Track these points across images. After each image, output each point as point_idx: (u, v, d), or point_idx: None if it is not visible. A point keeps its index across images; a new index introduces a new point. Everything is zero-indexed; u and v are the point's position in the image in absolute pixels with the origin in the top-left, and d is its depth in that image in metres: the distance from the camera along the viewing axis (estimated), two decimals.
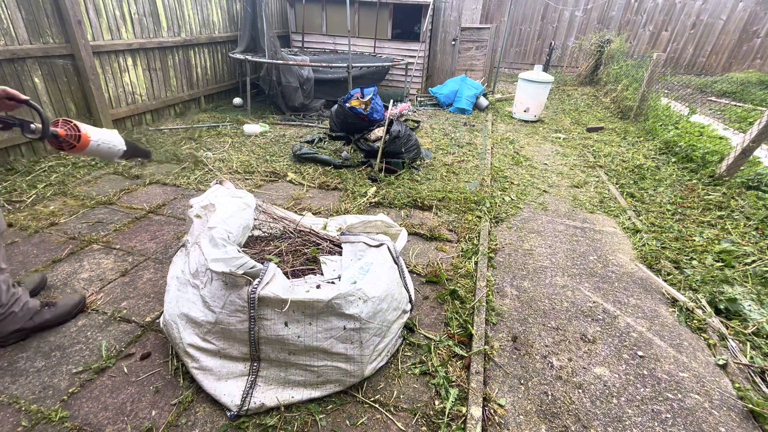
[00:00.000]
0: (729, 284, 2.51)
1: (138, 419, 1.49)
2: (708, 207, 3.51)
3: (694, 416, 1.68)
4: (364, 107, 4.29)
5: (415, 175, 3.90)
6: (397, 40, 7.25)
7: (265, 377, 1.58)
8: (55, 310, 1.86)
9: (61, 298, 1.96)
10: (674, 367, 1.93)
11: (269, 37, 5.37)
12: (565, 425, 1.60)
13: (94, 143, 1.69)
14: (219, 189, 2.14)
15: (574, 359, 1.93)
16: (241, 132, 4.90)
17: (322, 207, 3.16)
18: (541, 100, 6.36)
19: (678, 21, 10.53)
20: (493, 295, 2.33)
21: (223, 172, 3.70)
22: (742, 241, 2.96)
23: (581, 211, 3.49)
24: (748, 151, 3.78)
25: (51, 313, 1.84)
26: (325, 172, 3.84)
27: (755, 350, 2.04)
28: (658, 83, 6.70)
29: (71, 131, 1.64)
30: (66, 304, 1.91)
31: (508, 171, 4.28)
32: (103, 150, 1.75)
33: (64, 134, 1.62)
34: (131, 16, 4.44)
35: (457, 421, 1.56)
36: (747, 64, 10.17)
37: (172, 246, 2.57)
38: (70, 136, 1.64)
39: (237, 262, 1.50)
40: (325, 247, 2.03)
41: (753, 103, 7.59)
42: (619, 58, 8.96)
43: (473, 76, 7.63)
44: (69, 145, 1.65)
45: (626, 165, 4.57)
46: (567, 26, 11.56)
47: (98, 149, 1.73)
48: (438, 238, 2.86)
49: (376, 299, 1.62)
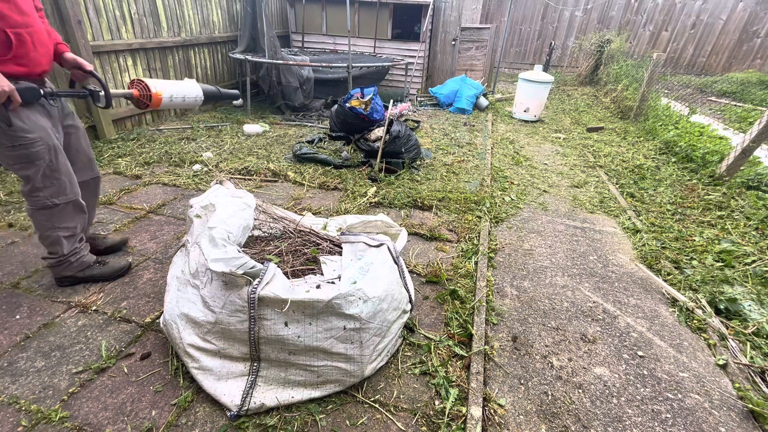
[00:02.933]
0: (729, 284, 2.51)
1: (138, 419, 1.49)
2: (708, 207, 3.51)
3: (694, 416, 1.68)
4: (364, 107, 4.29)
5: (415, 175, 3.90)
6: (397, 40, 7.25)
7: (265, 377, 1.58)
8: (102, 269, 2.19)
9: (111, 262, 2.25)
10: (674, 367, 1.93)
11: (269, 37, 5.37)
12: (565, 425, 1.60)
13: (166, 99, 1.79)
14: (219, 189, 2.14)
15: (574, 359, 1.93)
16: (241, 132, 4.90)
17: (322, 207, 3.16)
18: (541, 100, 6.36)
19: (678, 21, 10.52)
20: (493, 295, 2.33)
21: (223, 173, 3.69)
22: (742, 241, 2.96)
23: (581, 211, 3.49)
24: (748, 151, 3.78)
25: (98, 270, 2.18)
26: (325, 172, 3.84)
27: (755, 350, 2.04)
28: (658, 83, 6.70)
29: (143, 91, 1.76)
30: (112, 266, 2.23)
31: (508, 171, 4.28)
32: (177, 103, 1.85)
33: (138, 95, 1.77)
34: (131, 16, 4.44)
35: (457, 421, 1.56)
36: (747, 64, 10.17)
37: (172, 246, 2.57)
38: (142, 96, 1.77)
39: (237, 262, 1.50)
40: (325, 247, 2.03)
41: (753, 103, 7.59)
42: (619, 58, 8.96)
43: (473, 76, 7.63)
44: (143, 105, 1.79)
45: (626, 165, 4.57)
46: (567, 26, 11.56)
47: (172, 103, 1.84)
48: (438, 238, 2.86)
49: (376, 299, 1.62)
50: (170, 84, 1.84)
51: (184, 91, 1.86)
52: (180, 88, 1.85)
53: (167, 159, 3.92)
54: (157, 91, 1.78)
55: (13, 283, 2.14)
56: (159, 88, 1.79)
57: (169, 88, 1.82)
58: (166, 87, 1.81)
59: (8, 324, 1.88)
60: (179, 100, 1.84)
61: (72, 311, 1.98)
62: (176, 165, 3.82)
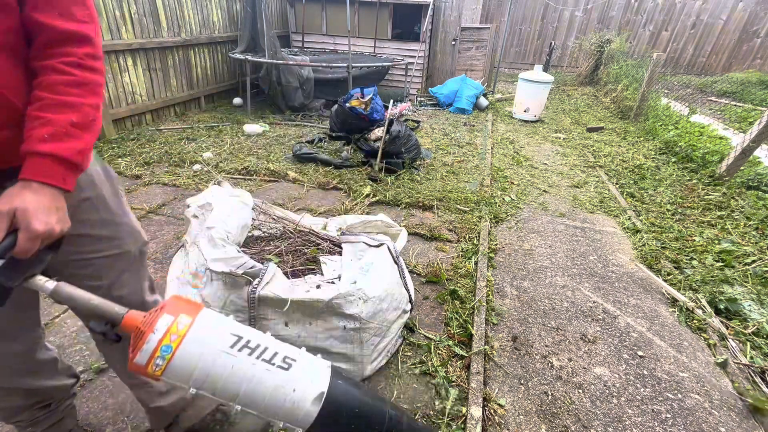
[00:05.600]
0: (729, 284, 2.51)
1: (138, 419, 1.49)
2: (708, 207, 3.51)
3: (694, 416, 1.68)
4: (364, 107, 4.29)
5: (415, 175, 3.90)
6: (397, 40, 7.25)
7: None
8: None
9: None
10: (674, 367, 1.93)
11: (269, 37, 5.37)
12: (565, 425, 1.60)
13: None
14: (217, 189, 2.14)
15: (574, 359, 1.93)
16: (241, 132, 4.90)
17: (322, 207, 3.16)
18: (541, 100, 6.36)
19: (678, 21, 10.52)
20: (493, 295, 2.33)
21: (223, 173, 3.69)
22: (742, 241, 2.96)
23: (581, 211, 3.49)
24: (748, 151, 3.78)
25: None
26: (325, 172, 3.84)
27: (755, 350, 2.04)
28: (658, 83, 6.70)
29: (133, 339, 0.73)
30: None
31: (508, 171, 4.28)
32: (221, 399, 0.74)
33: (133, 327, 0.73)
34: (131, 16, 4.43)
35: (457, 421, 1.56)
36: (747, 64, 10.16)
37: (172, 246, 2.57)
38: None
39: (237, 262, 1.50)
40: (325, 247, 2.03)
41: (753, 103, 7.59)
42: (619, 58, 8.96)
43: (473, 76, 7.63)
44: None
45: (626, 165, 4.57)
46: (567, 26, 11.56)
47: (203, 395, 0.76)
48: (438, 238, 2.86)
49: (376, 299, 1.62)
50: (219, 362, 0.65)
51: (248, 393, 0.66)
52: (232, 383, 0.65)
53: (167, 159, 3.92)
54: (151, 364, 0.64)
55: None
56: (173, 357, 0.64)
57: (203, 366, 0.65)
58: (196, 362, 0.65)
59: None
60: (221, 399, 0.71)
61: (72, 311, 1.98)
62: (176, 165, 3.82)
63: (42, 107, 0.73)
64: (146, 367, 0.61)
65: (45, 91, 0.74)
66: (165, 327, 0.61)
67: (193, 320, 0.63)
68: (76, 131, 0.75)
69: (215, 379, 0.59)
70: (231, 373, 0.60)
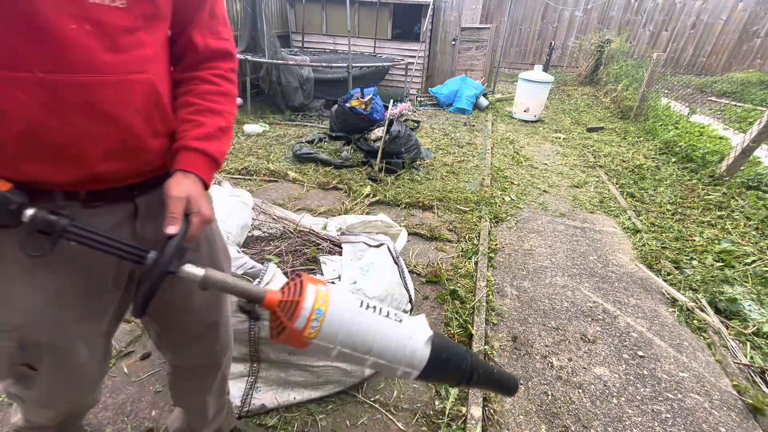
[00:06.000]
0: (729, 284, 2.51)
1: (138, 419, 1.49)
2: (708, 207, 3.51)
3: (694, 416, 1.68)
4: (364, 107, 4.29)
5: (415, 175, 3.90)
6: (397, 40, 7.25)
7: (265, 378, 1.57)
8: None
9: None
10: (674, 367, 1.93)
11: (269, 37, 5.37)
12: (565, 425, 1.60)
13: (320, 344, 0.69)
14: (216, 189, 2.14)
15: (574, 359, 1.93)
16: (241, 132, 4.90)
17: (322, 207, 3.16)
18: (541, 100, 6.36)
19: (678, 21, 10.52)
20: (493, 295, 2.33)
21: (223, 172, 3.69)
22: (742, 241, 2.96)
23: (581, 211, 3.49)
24: (748, 151, 3.78)
25: None
26: (325, 172, 3.84)
27: (755, 350, 2.04)
28: (658, 83, 6.70)
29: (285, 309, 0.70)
30: None
31: (508, 171, 4.28)
32: (349, 358, 0.73)
33: (273, 304, 0.72)
34: None
35: (457, 421, 1.56)
36: (747, 64, 10.16)
37: None
38: (276, 321, 0.71)
39: (237, 263, 1.50)
40: (325, 247, 2.02)
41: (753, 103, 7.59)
42: (619, 58, 8.96)
43: (473, 76, 7.63)
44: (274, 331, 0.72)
45: (626, 165, 4.57)
46: (567, 26, 11.56)
47: (344, 357, 0.73)
48: (438, 238, 2.86)
49: (375, 299, 1.62)
50: (358, 320, 0.71)
51: (378, 348, 0.72)
52: (370, 338, 0.71)
53: None
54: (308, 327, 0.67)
55: None
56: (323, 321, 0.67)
57: (347, 328, 0.69)
58: (341, 323, 0.69)
59: None
60: (358, 360, 0.72)
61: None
62: None
63: (195, 112, 0.82)
64: (303, 332, 0.66)
65: (197, 98, 0.83)
66: (314, 294, 0.67)
67: (328, 287, 0.71)
68: (222, 135, 0.85)
69: (355, 337, 0.67)
70: (366, 329, 0.69)
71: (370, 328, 0.70)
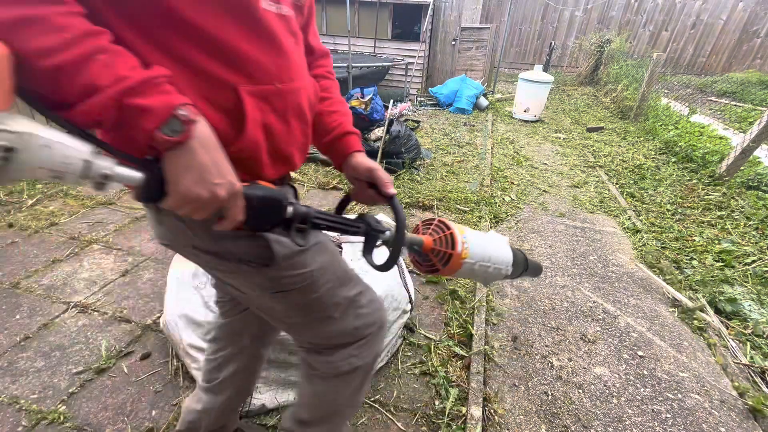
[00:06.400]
0: (729, 284, 2.51)
1: (138, 419, 1.49)
2: (708, 207, 3.51)
3: (694, 416, 1.68)
4: (364, 107, 4.29)
5: (415, 175, 3.90)
6: (397, 40, 7.25)
7: (264, 378, 1.57)
8: None
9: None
10: (674, 367, 1.93)
11: None
12: (565, 425, 1.60)
13: (468, 266, 0.92)
14: None
15: (574, 359, 1.93)
16: None
17: (322, 207, 3.16)
18: (541, 100, 6.36)
19: (678, 21, 10.52)
20: (493, 295, 2.33)
21: None
22: (742, 241, 2.96)
23: (581, 211, 3.49)
24: (748, 151, 3.78)
25: None
26: (325, 172, 3.84)
27: (755, 350, 2.04)
28: (658, 83, 6.70)
29: (440, 244, 0.90)
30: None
31: (508, 171, 4.28)
32: (479, 273, 0.97)
33: (430, 247, 0.91)
34: None
35: (457, 421, 1.56)
36: (747, 64, 10.16)
37: None
38: (436, 251, 0.90)
39: None
40: None
41: (753, 103, 7.59)
42: (619, 58, 8.96)
43: (473, 76, 7.63)
44: (428, 268, 0.94)
45: (626, 165, 4.57)
46: (567, 26, 11.56)
47: (473, 273, 0.96)
48: None
49: None
50: (482, 241, 0.95)
51: (494, 256, 0.97)
52: (490, 250, 0.97)
53: None
54: (464, 250, 0.90)
55: (13, 283, 2.14)
56: (467, 245, 0.91)
57: (480, 247, 0.94)
58: (477, 245, 0.93)
59: (8, 324, 1.87)
60: (482, 271, 0.97)
61: (72, 311, 1.98)
62: None
63: (333, 103, 0.98)
64: (462, 254, 0.88)
65: (327, 92, 0.98)
66: (457, 228, 0.90)
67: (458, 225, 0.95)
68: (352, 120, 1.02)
69: (483, 251, 0.92)
70: (487, 243, 0.94)
71: (487, 243, 0.96)
